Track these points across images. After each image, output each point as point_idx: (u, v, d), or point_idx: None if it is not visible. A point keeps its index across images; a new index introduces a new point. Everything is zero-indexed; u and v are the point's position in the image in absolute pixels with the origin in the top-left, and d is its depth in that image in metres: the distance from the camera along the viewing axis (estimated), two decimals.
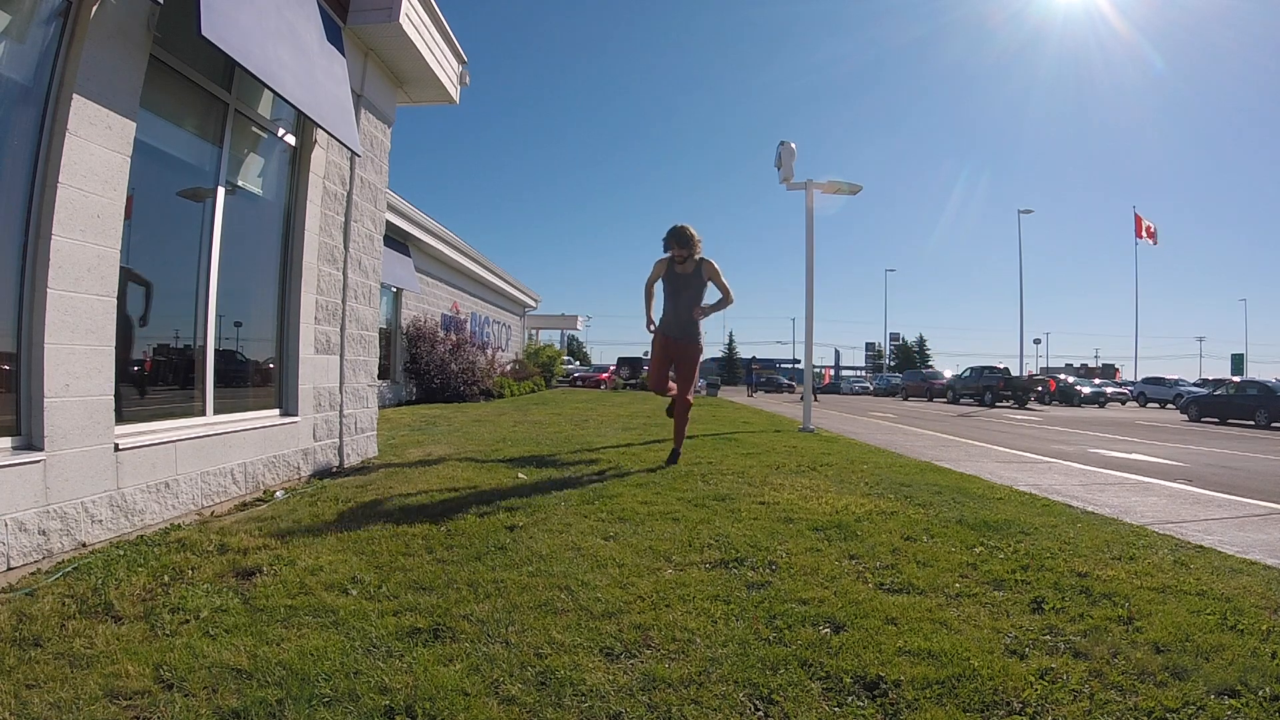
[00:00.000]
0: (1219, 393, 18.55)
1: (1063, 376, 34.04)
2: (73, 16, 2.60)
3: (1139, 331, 66.30)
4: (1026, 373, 33.20)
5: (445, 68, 5.67)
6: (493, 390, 14.75)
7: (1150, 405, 30.41)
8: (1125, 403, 31.73)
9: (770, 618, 2.11)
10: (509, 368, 18.48)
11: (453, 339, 14.16)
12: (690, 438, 6.95)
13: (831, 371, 60.90)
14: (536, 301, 26.99)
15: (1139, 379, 36.08)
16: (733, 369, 71.86)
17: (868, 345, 77.32)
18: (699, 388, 29.07)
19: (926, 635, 1.98)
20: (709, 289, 5.08)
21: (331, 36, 4.31)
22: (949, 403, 27.34)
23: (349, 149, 4.52)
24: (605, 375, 30.59)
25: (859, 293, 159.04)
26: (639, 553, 2.76)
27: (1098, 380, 36.25)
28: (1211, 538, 3.30)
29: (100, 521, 2.79)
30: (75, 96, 2.57)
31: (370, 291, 5.39)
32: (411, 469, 4.78)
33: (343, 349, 4.93)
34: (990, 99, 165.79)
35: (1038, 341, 54.12)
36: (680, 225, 4.90)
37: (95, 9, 2.62)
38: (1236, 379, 24.31)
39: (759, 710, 1.61)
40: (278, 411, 4.29)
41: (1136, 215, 39.17)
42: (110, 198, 2.77)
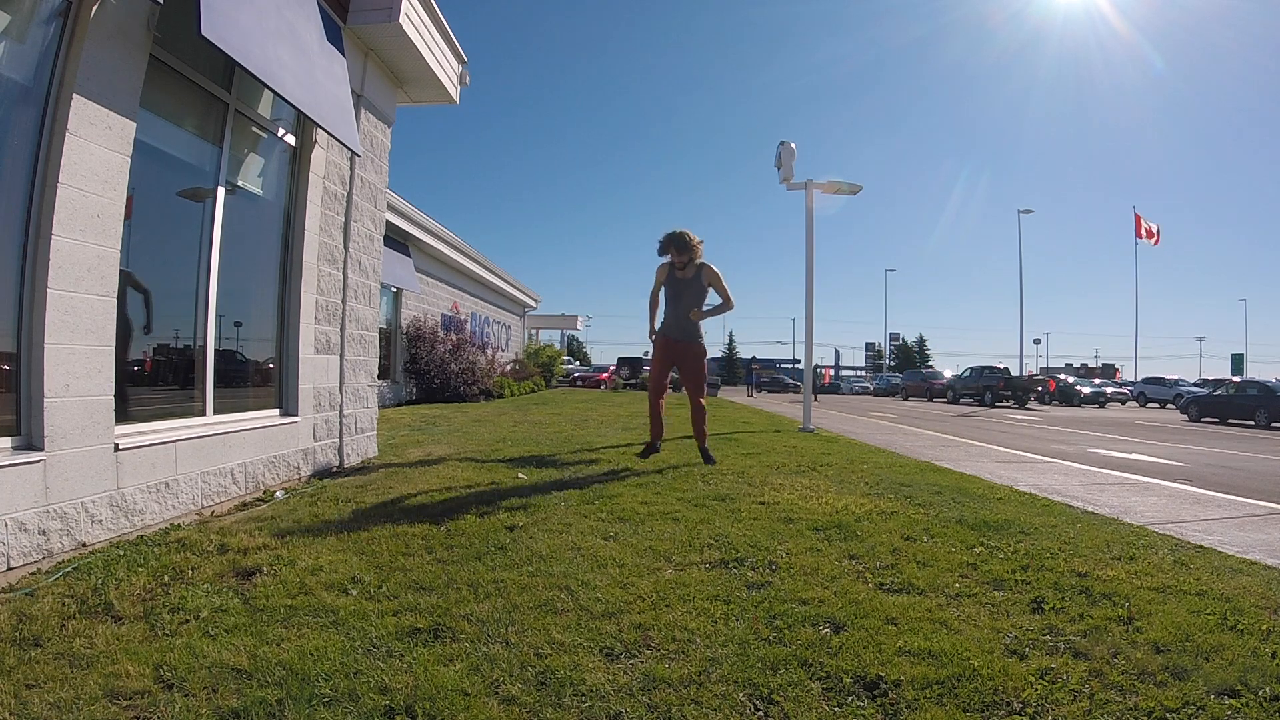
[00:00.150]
0: (1219, 393, 18.56)
1: (1063, 376, 34.04)
2: (73, 16, 2.60)
3: (1139, 331, 66.36)
4: (1026, 373, 33.20)
5: (445, 68, 5.67)
6: (493, 390, 14.76)
7: (1150, 405, 30.42)
8: (1125, 403, 31.74)
9: (770, 618, 2.11)
10: (509, 368, 18.49)
11: (453, 339, 14.16)
12: (690, 438, 6.95)
13: (831, 371, 60.90)
14: (536, 301, 27.00)
15: (1139, 379, 36.09)
16: (733, 369, 71.82)
17: (868, 345, 77.39)
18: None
19: (926, 635, 1.98)
20: (710, 294, 5.11)
21: (331, 36, 4.31)
22: (949, 403, 27.34)
23: (349, 149, 4.52)
24: (605, 375, 30.59)
25: (859, 293, 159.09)
26: (639, 553, 2.76)
27: (1098, 380, 36.26)
28: (1211, 538, 3.30)
29: (100, 521, 2.79)
30: (75, 96, 2.57)
31: (370, 291, 5.39)
32: (411, 469, 4.79)
33: (343, 349, 4.93)
34: (990, 99, 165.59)
35: (1038, 341, 54.24)
36: (679, 230, 4.93)
37: (95, 9, 2.62)
38: (1236, 379, 24.32)
39: (759, 710, 1.61)
40: (278, 411, 4.29)
41: (1136, 215, 39.20)
42: (110, 198, 2.77)
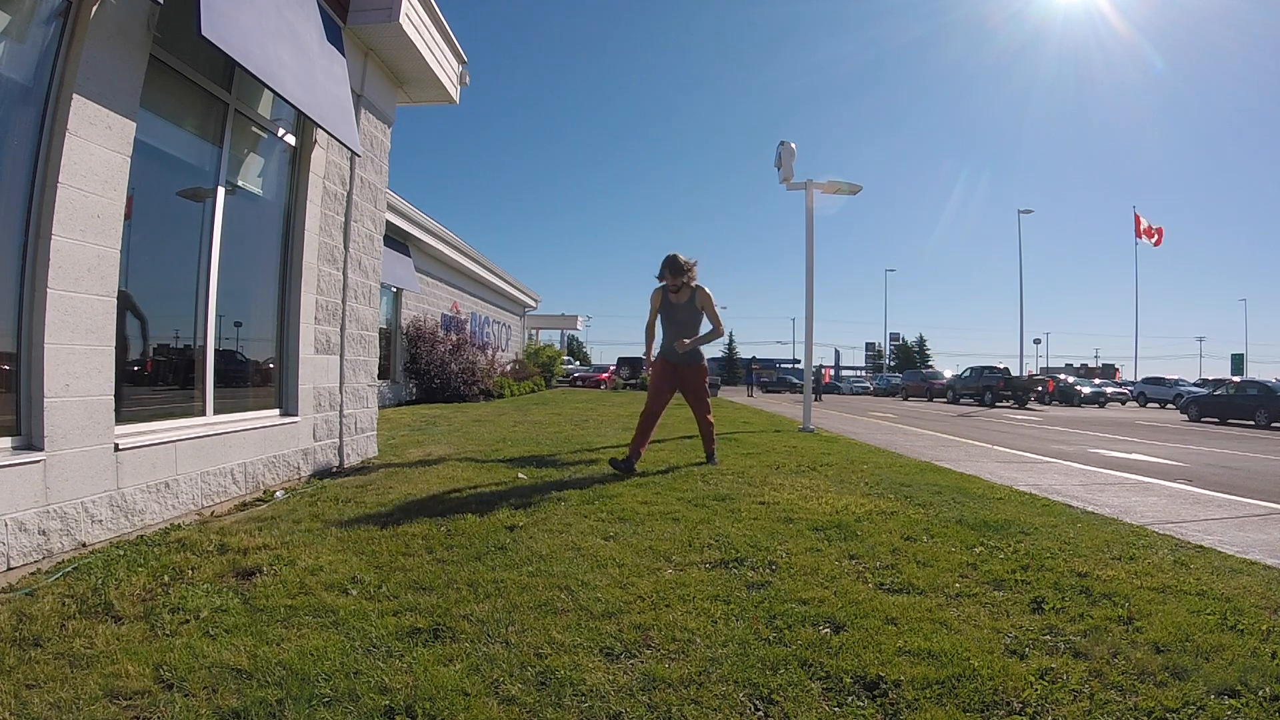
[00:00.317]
0: (1219, 393, 18.55)
1: (1062, 376, 34.03)
2: (73, 16, 2.60)
3: (1139, 331, 66.29)
4: (1026, 373, 33.18)
5: (445, 68, 5.67)
6: (493, 390, 14.76)
7: (1150, 405, 30.41)
8: (1125, 403, 31.73)
9: (770, 618, 2.11)
10: (509, 368, 18.48)
11: (453, 339, 14.16)
12: (690, 437, 6.95)
13: (831, 371, 60.89)
14: (536, 301, 27.00)
15: (1139, 379, 36.08)
16: (733, 369, 71.80)
17: (868, 345, 77.36)
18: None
19: (926, 635, 1.98)
20: (703, 317, 5.18)
21: (331, 36, 4.31)
22: (949, 403, 27.34)
23: (349, 149, 4.52)
24: (605, 375, 30.57)
25: (859, 293, 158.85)
26: (639, 553, 2.76)
27: (1098, 380, 36.25)
28: (1211, 538, 3.30)
29: (100, 521, 2.79)
30: (75, 96, 2.57)
31: (370, 291, 5.39)
32: (411, 469, 4.79)
33: (343, 349, 4.93)
34: (990, 99, 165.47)
35: (1038, 341, 54.17)
36: (673, 254, 5.03)
37: (95, 9, 2.62)
38: (1236, 379, 24.30)
39: (759, 710, 1.61)
40: (278, 411, 4.29)
41: (1136, 215, 39.20)
42: (110, 198, 2.77)
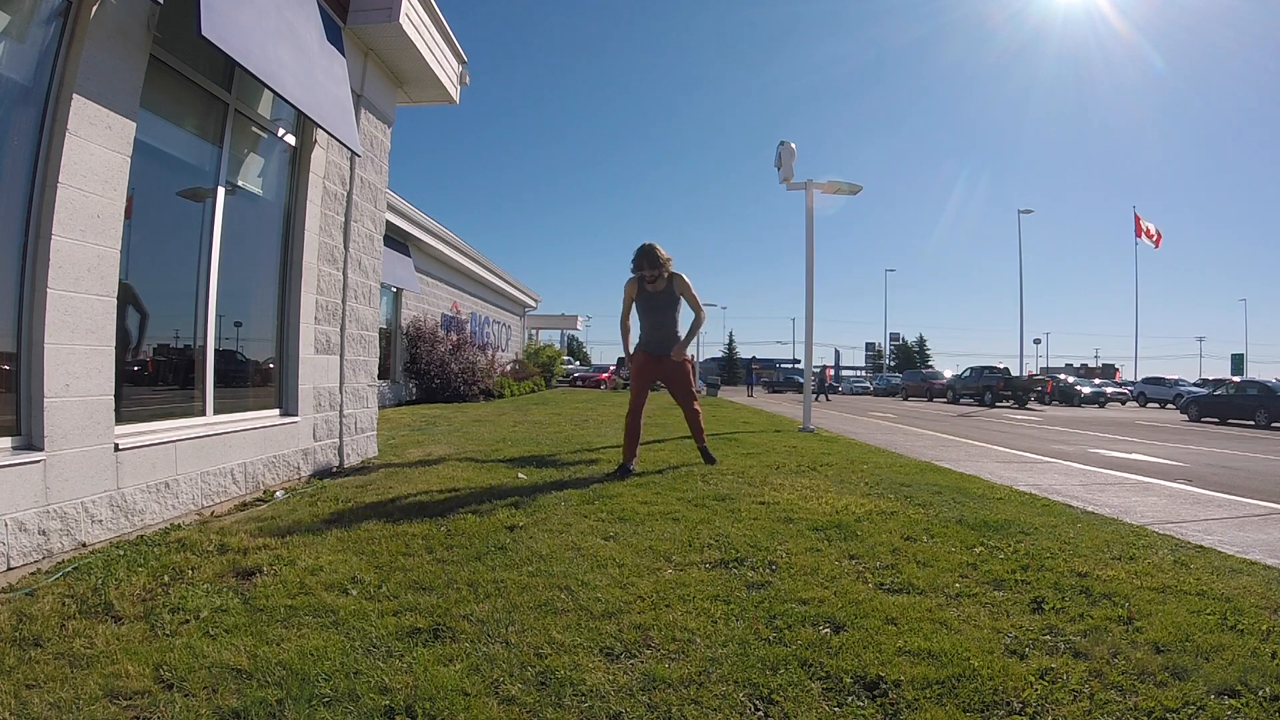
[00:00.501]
0: (1219, 393, 18.55)
1: (1062, 377, 34.02)
2: (73, 16, 2.60)
3: (1139, 331, 66.32)
4: (1026, 373, 33.18)
5: (445, 68, 5.67)
6: (493, 390, 14.76)
7: (1150, 405, 30.41)
8: (1125, 403, 31.73)
9: (770, 618, 2.11)
10: (509, 368, 18.48)
11: (453, 339, 14.16)
12: (690, 437, 6.95)
13: (832, 371, 60.88)
14: (536, 301, 26.99)
15: (1139, 379, 36.08)
16: (733, 369, 71.77)
17: (868, 345, 77.39)
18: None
19: (926, 635, 1.98)
20: (682, 304, 5.01)
21: (331, 36, 4.31)
22: (949, 403, 27.34)
23: (349, 149, 4.52)
24: (605, 375, 30.55)
25: (859, 293, 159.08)
26: (639, 553, 2.76)
27: (1098, 380, 36.25)
28: (1211, 538, 3.30)
29: (100, 521, 2.79)
30: (75, 96, 2.57)
31: (370, 291, 5.39)
32: (411, 469, 4.79)
33: (343, 349, 4.93)
34: (990, 99, 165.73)
35: (1038, 341, 54.21)
36: (648, 244, 4.84)
37: (95, 9, 2.62)
38: (1236, 379, 24.29)
39: (759, 710, 1.61)
40: (278, 411, 4.29)
41: (1136, 215, 39.21)
42: (110, 198, 2.77)
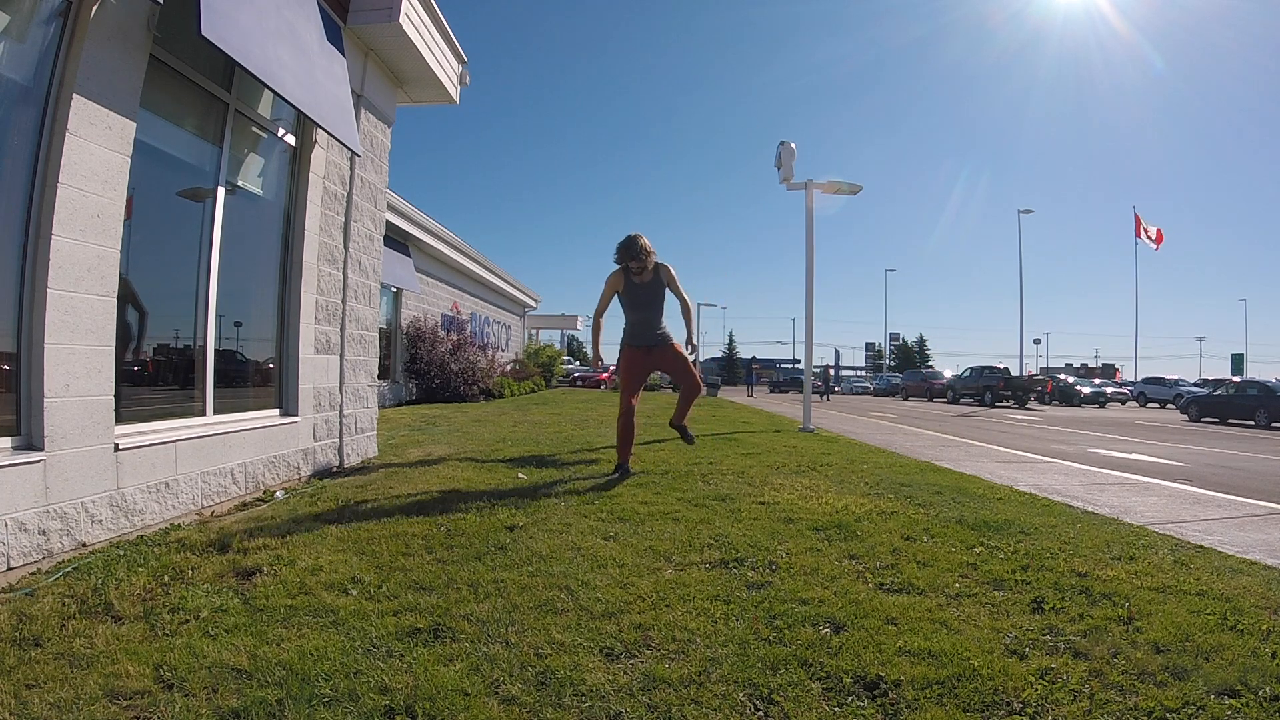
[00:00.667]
0: (1219, 393, 18.55)
1: (1062, 377, 34.02)
2: (73, 16, 2.60)
3: (1139, 331, 66.35)
4: (1026, 373, 33.17)
5: (445, 68, 5.67)
6: (493, 390, 14.75)
7: (1150, 405, 30.41)
8: (1125, 403, 31.73)
9: (770, 618, 2.11)
10: (509, 368, 18.47)
11: (453, 339, 14.16)
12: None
13: (832, 371, 60.90)
14: (536, 301, 26.98)
15: (1139, 379, 36.08)
16: (733, 369, 71.72)
17: (868, 345, 77.31)
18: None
19: (926, 635, 1.98)
20: (667, 296, 4.92)
21: (331, 36, 4.31)
22: (949, 403, 27.33)
23: (349, 149, 4.52)
24: (605, 375, 30.54)
25: (859, 293, 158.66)
26: (639, 553, 2.76)
27: (1098, 380, 36.26)
28: (1211, 538, 3.30)
29: (100, 521, 2.79)
30: (75, 96, 2.57)
31: (370, 291, 5.39)
32: (411, 469, 4.78)
33: (343, 349, 4.93)
34: (990, 99, 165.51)
35: (1038, 341, 54.16)
36: (634, 235, 4.75)
37: (95, 9, 2.62)
38: (1236, 379, 24.30)
39: (759, 710, 1.61)
40: (278, 411, 4.29)
41: (1136, 215, 39.20)
42: (110, 198, 2.77)
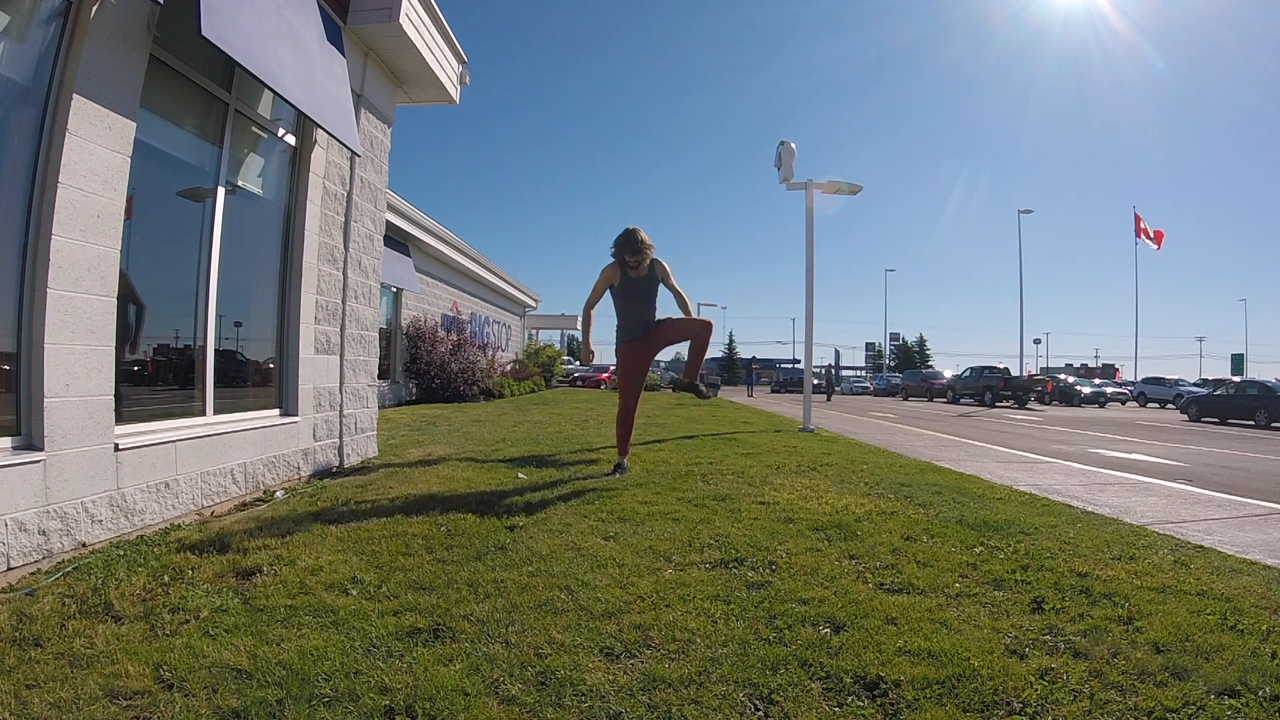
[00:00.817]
0: (1219, 393, 18.56)
1: (1062, 377, 34.02)
2: (73, 16, 2.60)
3: (1139, 331, 66.36)
4: (1026, 373, 33.17)
5: (445, 68, 5.67)
6: (493, 390, 14.75)
7: (1150, 405, 30.42)
8: (1125, 403, 31.73)
9: (770, 618, 2.11)
10: (509, 368, 18.47)
11: (453, 339, 14.16)
12: (690, 437, 6.96)
13: (832, 370, 60.93)
14: (536, 301, 26.98)
15: (1139, 379, 36.08)
16: (733, 369, 71.70)
17: (868, 345, 77.19)
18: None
19: (926, 635, 1.98)
20: (659, 289, 4.90)
21: (331, 36, 4.31)
22: (949, 403, 27.34)
23: (349, 149, 4.52)
24: (605, 375, 30.52)
25: (859, 293, 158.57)
26: (639, 553, 2.76)
27: (1098, 380, 36.26)
28: (1211, 538, 3.30)
29: (100, 521, 2.79)
30: (75, 96, 2.57)
31: (370, 291, 5.39)
32: (411, 469, 4.78)
33: (343, 349, 4.93)
34: (990, 99, 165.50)
35: (1038, 341, 54.17)
36: (633, 229, 4.71)
37: (95, 9, 2.62)
38: (1236, 379, 24.30)
39: (759, 710, 1.61)
40: (278, 411, 4.29)
41: (1136, 215, 39.20)
42: (110, 198, 2.77)
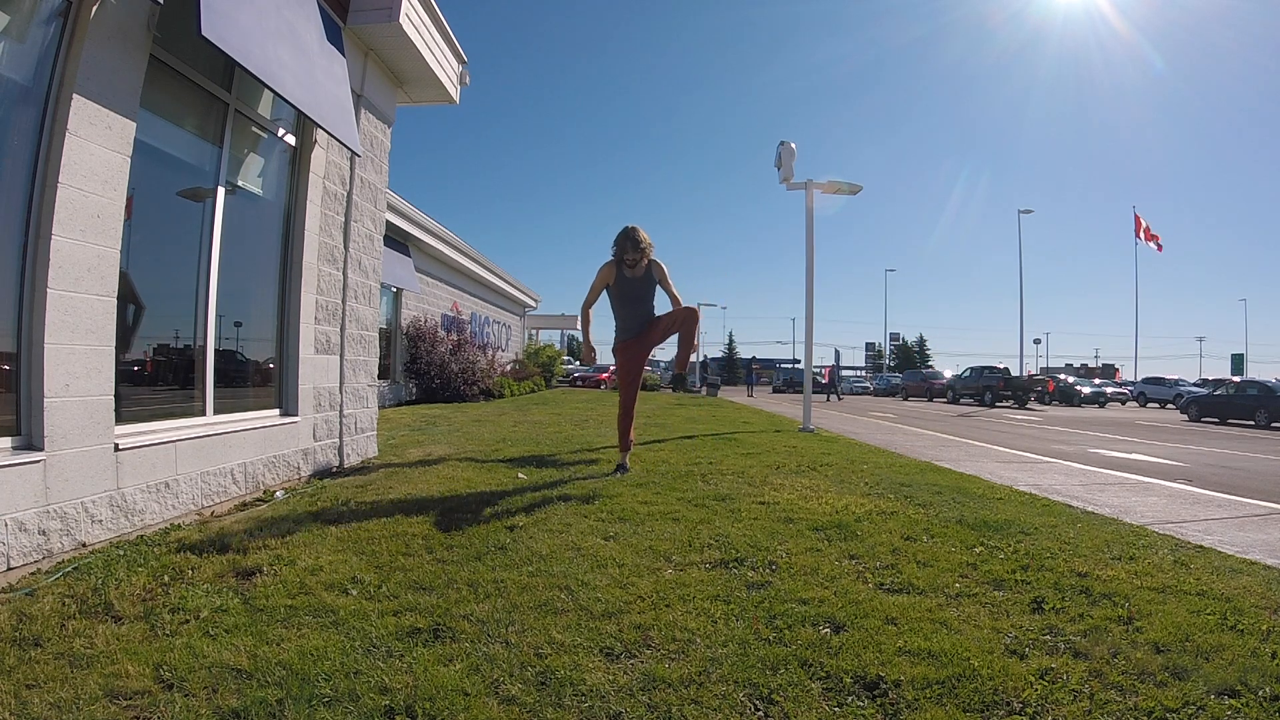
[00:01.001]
0: (1219, 393, 18.56)
1: (1062, 376, 34.00)
2: (73, 16, 2.60)
3: (1139, 331, 66.22)
4: (1026, 373, 33.17)
5: (445, 68, 5.67)
6: (493, 390, 14.75)
7: (1150, 405, 30.42)
8: (1125, 403, 31.73)
9: (770, 618, 2.11)
10: (509, 368, 18.47)
11: (453, 339, 14.16)
12: (690, 437, 6.96)
13: (828, 370, 60.95)
14: (536, 301, 26.98)
15: (1139, 379, 36.08)
16: (733, 369, 71.68)
17: (868, 345, 77.14)
18: (699, 389, 28.94)
19: (926, 635, 1.98)
20: (658, 294, 4.89)
21: (331, 36, 4.31)
22: (949, 403, 27.34)
23: (349, 149, 4.52)
24: (605, 375, 30.52)
25: (859, 293, 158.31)
26: (639, 553, 2.76)
27: (1098, 380, 36.25)
28: (1211, 538, 3.30)
29: (100, 521, 2.79)
30: (75, 96, 2.57)
31: (370, 291, 5.39)
32: (411, 469, 4.78)
33: (343, 349, 4.93)
34: (990, 99, 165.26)
35: (1038, 341, 54.06)
36: (632, 227, 4.70)
37: (95, 9, 2.62)
38: (1236, 379, 24.30)
39: (759, 710, 1.61)
40: (278, 411, 4.29)
41: (1136, 215, 39.19)
42: (110, 198, 2.77)
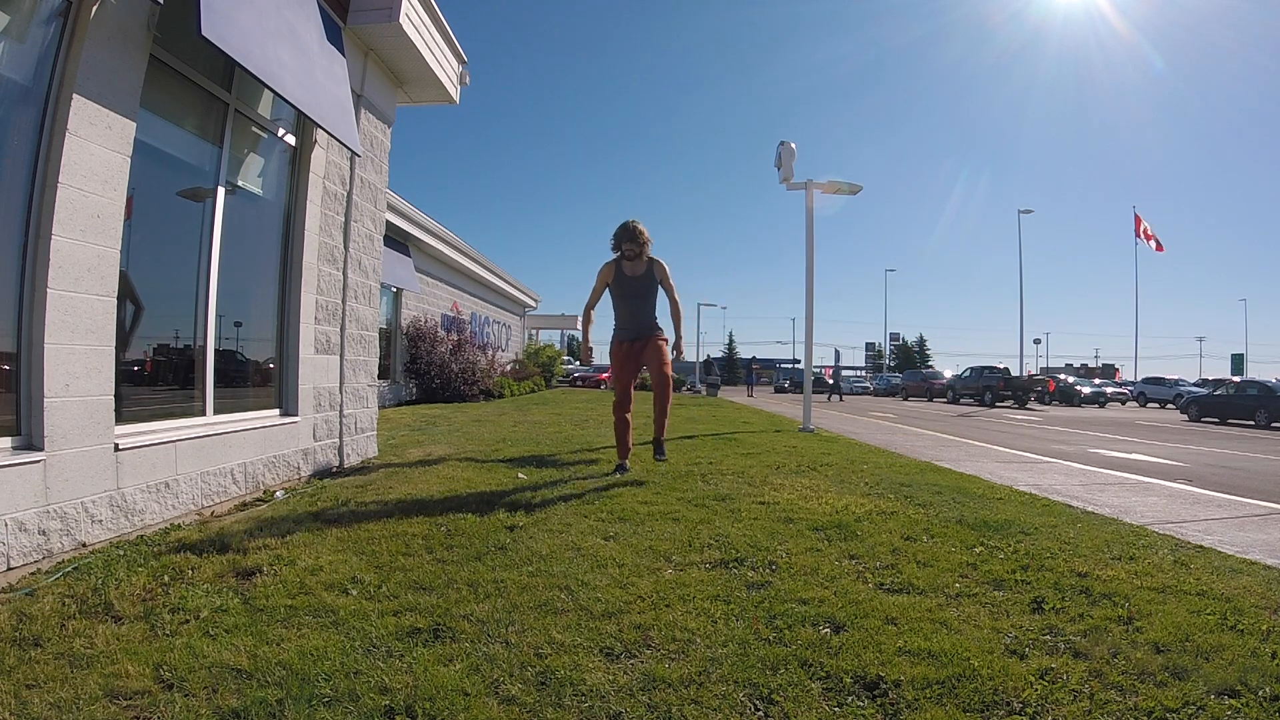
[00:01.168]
0: (1219, 393, 18.55)
1: (1063, 376, 34.00)
2: (73, 16, 2.60)
3: (1139, 331, 66.18)
4: (1026, 373, 33.14)
5: (445, 68, 5.67)
6: (493, 390, 14.75)
7: (1150, 405, 30.41)
8: (1125, 403, 31.71)
9: (770, 618, 2.11)
10: (509, 368, 18.48)
11: (453, 339, 14.17)
12: (690, 437, 6.96)
13: (831, 370, 61.01)
14: (536, 301, 26.99)
15: (1139, 379, 36.06)
16: (733, 369, 71.67)
17: (868, 345, 77.12)
18: (698, 389, 28.97)
19: (926, 635, 1.98)
20: (659, 293, 4.85)
21: (331, 36, 4.31)
22: (949, 403, 27.33)
23: (349, 149, 4.52)
24: (605, 375, 30.53)
25: (859, 293, 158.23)
26: (639, 553, 2.76)
27: (1098, 380, 36.24)
28: (1211, 538, 3.30)
29: (100, 521, 2.79)
30: (75, 96, 2.57)
31: (370, 291, 5.39)
32: (411, 469, 4.78)
33: (343, 349, 4.93)
34: (990, 99, 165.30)
35: (1038, 341, 54.02)
36: (631, 221, 4.66)
37: (95, 9, 2.62)
38: (1236, 379, 24.30)
39: (759, 710, 1.61)
40: (278, 411, 4.29)
41: (1136, 215, 39.16)
42: (110, 198, 2.77)
